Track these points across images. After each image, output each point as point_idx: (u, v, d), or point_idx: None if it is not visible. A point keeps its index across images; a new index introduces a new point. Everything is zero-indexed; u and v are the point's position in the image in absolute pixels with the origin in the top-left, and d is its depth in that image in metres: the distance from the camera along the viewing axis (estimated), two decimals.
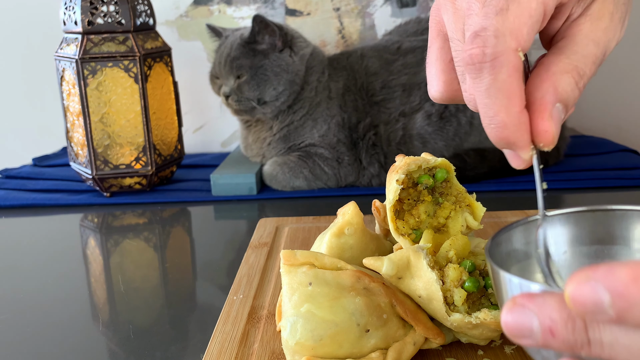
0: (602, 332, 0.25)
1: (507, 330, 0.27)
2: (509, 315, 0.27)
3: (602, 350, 0.25)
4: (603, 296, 0.24)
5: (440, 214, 0.48)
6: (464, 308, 0.42)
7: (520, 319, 0.27)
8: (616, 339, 0.25)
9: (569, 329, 0.25)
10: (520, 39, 0.31)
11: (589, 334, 0.25)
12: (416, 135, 0.93)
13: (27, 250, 0.78)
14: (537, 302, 0.26)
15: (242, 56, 0.94)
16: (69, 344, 0.54)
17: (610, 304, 0.24)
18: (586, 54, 0.34)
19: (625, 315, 0.24)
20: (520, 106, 0.32)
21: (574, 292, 0.25)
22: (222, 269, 0.69)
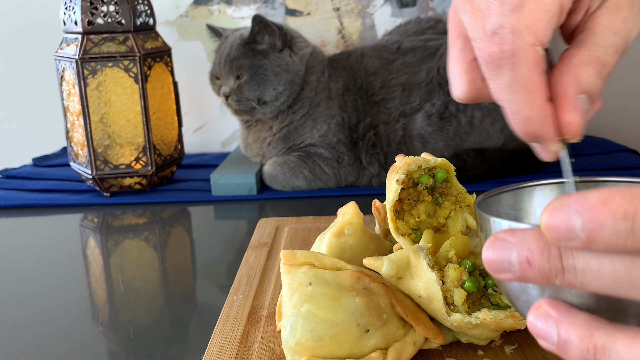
0: (575, 259, 0.26)
1: (487, 265, 0.28)
2: (490, 249, 0.28)
3: (575, 277, 0.26)
4: (575, 220, 0.24)
5: (440, 214, 0.48)
6: (464, 308, 0.42)
7: (500, 253, 0.27)
8: (588, 264, 0.25)
9: (545, 257, 0.26)
10: (537, 34, 0.32)
11: (563, 262, 0.26)
12: (416, 136, 0.93)
13: (27, 250, 0.78)
14: (516, 235, 0.27)
15: (242, 56, 0.94)
16: (69, 344, 0.54)
17: (582, 227, 0.24)
18: (607, 44, 0.35)
19: (594, 237, 0.24)
20: (543, 99, 0.33)
21: (548, 218, 0.25)
22: (222, 269, 0.69)
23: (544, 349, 0.28)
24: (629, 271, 0.25)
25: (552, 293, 0.29)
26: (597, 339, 0.26)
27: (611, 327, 0.26)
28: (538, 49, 0.32)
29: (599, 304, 0.27)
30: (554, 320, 0.27)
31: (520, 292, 0.31)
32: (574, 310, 0.28)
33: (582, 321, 0.27)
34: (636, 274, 0.25)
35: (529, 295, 0.30)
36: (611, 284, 0.25)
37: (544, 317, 0.28)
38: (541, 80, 0.33)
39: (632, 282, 0.25)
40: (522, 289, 0.30)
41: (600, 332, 0.26)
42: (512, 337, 0.47)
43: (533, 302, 0.29)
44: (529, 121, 0.33)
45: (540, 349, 0.45)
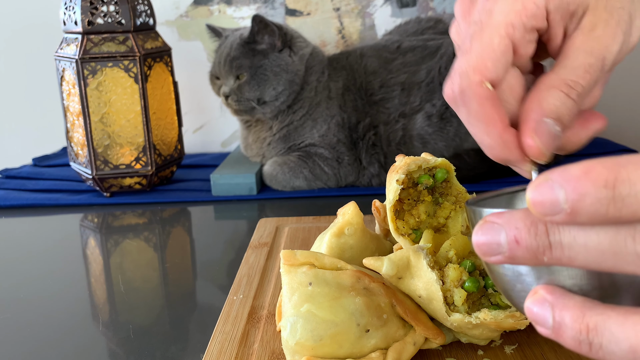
0: (561, 234, 0.26)
1: (477, 249, 0.28)
2: (479, 233, 0.28)
3: (562, 252, 0.26)
4: (559, 193, 0.25)
5: (440, 214, 0.48)
6: (464, 308, 0.42)
7: (489, 235, 0.28)
8: (574, 238, 0.26)
9: (532, 235, 0.27)
10: (484, 72, 0.35)
11: (550, 238, 0.26)
12: (416, 136, 0.93)
13: (27, 250, 0.78)
14: (504, 217, 0.28)
15: (242, 56, 0.94)
16: (69, 344, 0.54)
17: (565, 199, 0.25)
18: (576, 65, 0.36)
19: (577, 207, 0.25)
20: (501, 128, 0.36)
21: (533, 194, 0.26)
22: (222, 269, 0.69)
23: (542, 335, 0.28)
24: (613, 242, 0.25)
25: (547, 279, 0.29)
26: (589, 319, 0.26)
27: (603, 307, 0.27)
28: (486, 85, 0.35)
29: (591, 283, 0.28)
30: (549, 304, 0.28)
31: (514, 281, 0.31)
32: (569, 293, 0.28)
33: (575, 303, 0.27)
34: (620, 245, 0.25)
35: (524, 283, 0.30)
36: (597, 256, 0.26)
37: (540, 302, 0.28)
38: (494, 111, 0.35)
39: (616, 253, 0.25)
40: (516, 277, 0.31)
41: (593, 312, 0.27)
42: (512, 337, 0.47)
43: (528, 290, 0.29)
44: (492, 148, 0.37)
45: (540, 349, 0.45)
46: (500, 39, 0.35)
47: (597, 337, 0.26)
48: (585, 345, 0.27)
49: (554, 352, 0.45)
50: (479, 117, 0.36)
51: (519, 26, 0.36)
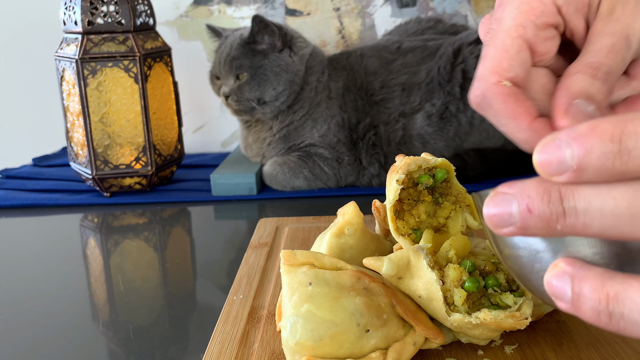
0: (576, 200, 0.26)
1: (489, 221, 0.28)
2: (490, 204, 0.27)
3: (577, 218, 0.26)
4: (566, 151, 0.25)
5: (440, 214, 0.48)
6: (464, 308, 0.42)
7: (501, 206, 0.27)
8: (589, 203, 0.25)
9: (545, 202, 0.26)
10: (501, 72, 0.36)
11: (564, 204, 0.26)
12: (416, 136, 0.93)
13: (27, 250, 0.78)
14: (516, 186, 0.27)
15: (242, 56, 0.94)
16: (69, 344, 0.54)
17: (572, 156, 0.25)
18: (598, 48, 0.36)
19: (584, 163, 0.24)
20: (529, 119, 0.35)
21: (539, 154, 0.25)
22: (222, 269, 0.69)
23: (562, 310, 0.27)
24: (630, 205, 0.25)
25: (565, 252, 0.28)
26: (609, 288, 0.26)
27: (624, 276, 0.26)
28: (505, 83, 0.36)
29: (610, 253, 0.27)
30: (568, 276, 0.27)
31: (532, 261, 0.30)
32: (589, 264, 0.27)
33: (595, 273, 0.26)
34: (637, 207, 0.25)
35: (542, 261, 0.30)
36: (614, 221, 0.25)
37: (560, 274, 0.27)
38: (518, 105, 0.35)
39: (634, 215, 0.25)
40: (533, 256, 0.30)
41: (613, 282, 0.26)
42: (512, 337, 0.47)
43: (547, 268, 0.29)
44: (527, 142, 0.36)
45: (540, 349, 0.45)
46: (512, 40, 0.37)
47: (617, 306, 0.25)
48: (605, 316, 0.26)
49: (554, 352, 0.45)
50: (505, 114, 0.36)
51: (529, 25, 0.37)
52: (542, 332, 0.48)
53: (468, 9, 1.18)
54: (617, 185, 0.25)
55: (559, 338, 0.47)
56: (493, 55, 0.37)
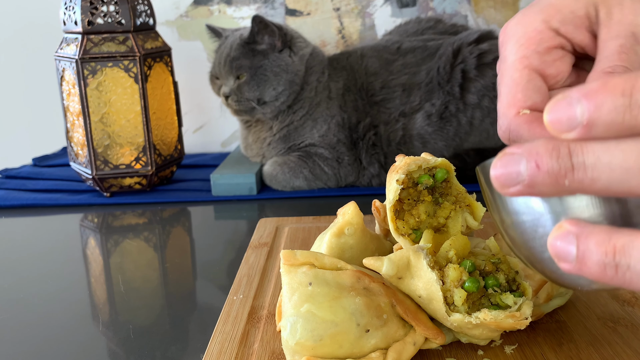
0: (585, 155, 0.26)
1: (496, 181, 0.28)
2: (498, 165, 0.28)
3: (585, 173, 0.26)
4: (576, 107, 0.25)
5: (440, 214, 0.48)
6: (464, 308, 0.42)
7: (509, 165, 0.27)
8: (598, 157, 0.25)
9: (554, 157, 0.26)
10: (517, 104, 0.38)
11: (573, 159, 0.26)
12: (416, 136, 0.93)
13: (27, 250, 0.78)
14: (524, 146, 0.27)
15: (242, 56, 0.94)
16: (69, 344, 0.54)
17: (581, 112, 0.25)
18: (608, 53, 0.37)
19: (594, 118, 0.24)
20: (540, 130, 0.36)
21: (550, 112, 0.26)
22: (222, 269, 0.69)
23: (566, 271, 0.27)
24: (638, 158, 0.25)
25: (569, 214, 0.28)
26: (616, 240, 0.26)
27: (630, 230, 0.26)
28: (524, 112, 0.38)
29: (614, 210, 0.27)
30: (573, 235, 0.27)
31: (535, 226, 0.30)
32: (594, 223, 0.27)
33: (601, 229, 0.27)
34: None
35: (545, 226, 0.30)
36: (621, 175, 0.25)
37: (564, 234, 0.27)
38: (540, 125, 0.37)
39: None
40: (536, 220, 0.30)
41: (619, 235, 0.26)
42: (512, 337, 0.47)
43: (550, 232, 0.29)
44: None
45: (540, 349, 0.45)
46: (519, 72, 0.38)
47: (624, 257, 0.26)
48: (611, 269, 0.26)
49: (554, 352, 0.45)
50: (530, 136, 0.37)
51: (531, 54, 0.39)
52: (542, 332, 0.48)
53: (468, 9, 1.18)
54: (625, 140, 0.25)
55: (559, 338, 0.47)
56: (506, 92, 0.38)
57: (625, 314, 0.50)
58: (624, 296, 0.53)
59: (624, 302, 0.52)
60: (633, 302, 0.52)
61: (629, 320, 0.49)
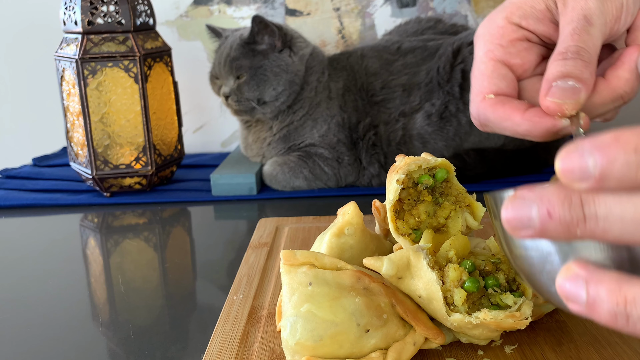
0: (597, 206, 0.26)
1: (507, 224, 0.28)
2: (509, 207, 0.28)
3: (597, 224, 0.26)
4: (588, 159, 0.25)
5: (440, 214, 0.48)
6: (464, 308, 0.42)
7: (520, 209, 0.28)
8: (610, 209, 0.26)
9: (566, 207, 0.26)
10: (483, 91, 0.43)
11: (585, 210, 0.26)
12: (416, 136, 0.93)
13: (27, 250, 0.78)
14: (536, 191, 0.28)
15: (242, 56, 0.94)
16: (69, 344, 0.54)
17: (594, 164, 0.25)
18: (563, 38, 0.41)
19: (606, 172, 0.25)
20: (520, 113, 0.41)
21: (562, 161, 0.26)
22: (222, 269, 0.69)
23: (574, 312, 0.28)
24: None
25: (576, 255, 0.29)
26: (627, 291, 0.26)
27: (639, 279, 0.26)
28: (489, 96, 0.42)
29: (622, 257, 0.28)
30: (582, 279, 0.27)
31: (543, 263, 0.31)
32: (603, 268, 0.27)
33: (611, 277, 0.27)
34: None
35: (553, 263, 0.30)
36: (633, 227, 0.25)
37: (573, 277, 0.28)
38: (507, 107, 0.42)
39: None
40: (544, 258, 0.30)
41: (630, 285, 0.26)
42: (512, 337, 0.47)
43: (558, 270, 0.29)
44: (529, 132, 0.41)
45: (540, 349, 0.45)
46: (485, 64, 0.44)
47: (635, 309, 0.26)
48: (622, 318, 0.26)
49: (554, 352, 0.45)
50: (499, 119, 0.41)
51: (495, 48, 0.44)
52: (542, 332, 0.48)
53: (468, 9, 1.18)
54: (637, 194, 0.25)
55: (559, 338, 0.47)
56: (474, 82, 0.44)
57: None
58: None
59: None
60: None
61: None
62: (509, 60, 0.44)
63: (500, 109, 0.41)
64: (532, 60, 0.44)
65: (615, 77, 0.42)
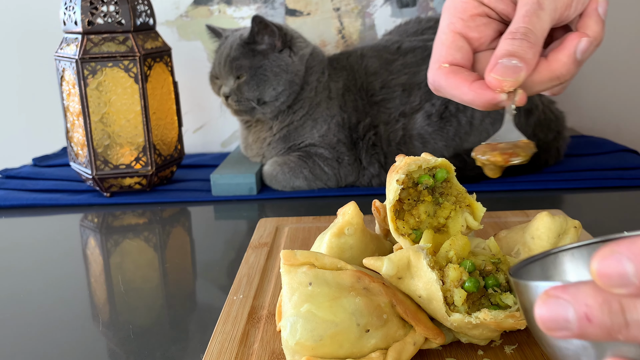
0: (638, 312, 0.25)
1: (542, 324, 0.27)
2: (544, 307, 0.27)
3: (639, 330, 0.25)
4: (627, 266, 0.25)
5: (441, 214, 0.48)
6: (464, 308, 0.42)
7: (555, 310, 0.27)
8: None
9: (605, 312, 0.26)
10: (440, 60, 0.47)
11: (627, 316, 0.25)
12: (416, 136, 0.93)
13: (27, 250, 0.78)
14: (570, 291, 0.27)
15: (242, 56, 0.94)
16: (69, 344, 0.54)
17: (634, 272, 0.24)
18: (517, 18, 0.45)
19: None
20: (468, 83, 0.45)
21: (599, 265, 0.25)
22: (222, 269, 0.69)
23: None
24: None
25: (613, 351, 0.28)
26: None
27: None
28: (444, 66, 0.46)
29: None
30: None
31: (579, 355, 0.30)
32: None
33: None
34: None
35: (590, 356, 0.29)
36: None
37: None
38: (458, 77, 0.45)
39: None
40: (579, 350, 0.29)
41: None
42: (512, 337, 0.47)
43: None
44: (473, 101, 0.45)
45: (540, 349, 0.45)
46: (445, 35, 0.48)
47: None
48: None
49: None
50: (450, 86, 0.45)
51: (456, 21, 0.47)
52: None
53: None
54: None
55: None
56: (435, 50, 0.48)
57: None
58: None
59: None
60: None
61: None
62: (467, 33, 0.47)
63: (452, 77, 0.45)
64: (488, 34, 0.48)
65: (555, 60, 0.45)
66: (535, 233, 0.48)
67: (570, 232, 0.48)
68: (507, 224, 0.70)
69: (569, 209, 0.79)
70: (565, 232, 0.48)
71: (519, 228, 0.50)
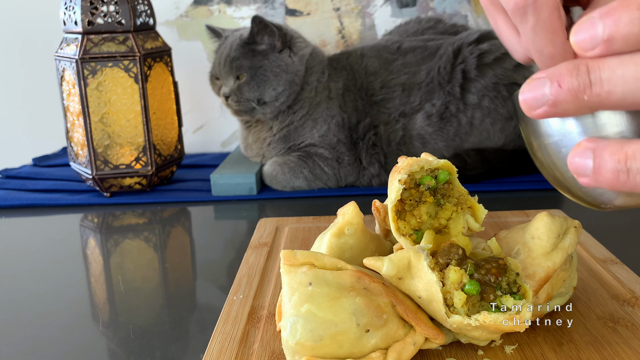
0: (601, 70, 0.28)
1: (524, 105, 0.31)
2: (526, 89, 0.31)
3: (602, 87, 0.28)
4: (598, 25, 0.27)
5: (442, 215, 0.48)
6: (463, 310, 0.42)
7: (536, 89, 0.30)
8: (613, 71, 0.28)
9: (574, 76, 0.29)
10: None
11: (590, 76, 0.28)
12: (416, 136, 0.93)
13: (27, 250, 0.78)
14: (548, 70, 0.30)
15: (242, 57, 0.94)
16: (69, 344, 0.54)
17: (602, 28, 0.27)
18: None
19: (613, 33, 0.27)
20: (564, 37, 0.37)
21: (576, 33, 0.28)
22: (222, 269, 0.69)
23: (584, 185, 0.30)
24: None
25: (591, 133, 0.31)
26: (627, 148, 0.28)
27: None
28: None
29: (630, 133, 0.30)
30: (590, 149, 0.29)
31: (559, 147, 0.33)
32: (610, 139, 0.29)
33: (615, 142, 0.29)
34: None
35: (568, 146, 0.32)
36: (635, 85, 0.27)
37: (582, 151, 0.30)
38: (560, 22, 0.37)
39: None
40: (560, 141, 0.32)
41: (630, 143, 0.28)
42: (512, 337, 0.47)
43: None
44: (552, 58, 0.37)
45: (540, 349, 0.45)
46: None
47: (634, 162, 0.28)
48: (623, 174, 0.28)
49: (554, 352, 0.45)
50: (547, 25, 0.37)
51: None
52: (542, 332, 0.48)
53: (468, 9, 1.18)
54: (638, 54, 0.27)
55: (559, 338, 0.47)
56: None
57: (625, 314, 0.50)
58: (624, 296, 0.53)
59: (624, 302, 0.52)
60: (633, 302, 0.52)
61: (629, 320, 0.49)
62: None
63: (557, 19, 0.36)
64: None
65: None
66: (535, 233, 0.48)
67: (570, 232, 0.48)
68: (507, 224, 0.70)
69: (569, 209, 0.79)
70: (565, 232, 0.48)
71: (519, 228, 0.50)
